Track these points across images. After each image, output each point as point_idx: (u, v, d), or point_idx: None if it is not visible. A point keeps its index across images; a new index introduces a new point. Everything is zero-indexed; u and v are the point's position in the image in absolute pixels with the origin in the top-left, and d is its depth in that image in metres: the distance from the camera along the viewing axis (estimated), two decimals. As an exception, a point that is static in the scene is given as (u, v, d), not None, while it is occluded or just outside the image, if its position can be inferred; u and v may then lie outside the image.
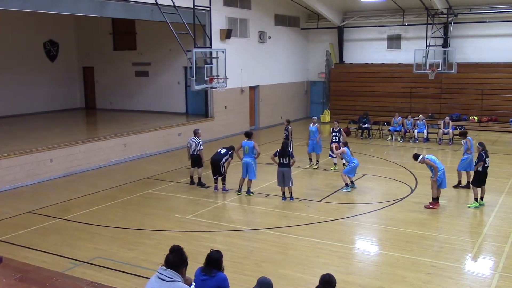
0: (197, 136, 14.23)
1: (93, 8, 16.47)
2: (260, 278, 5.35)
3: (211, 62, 15.58)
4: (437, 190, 12.07)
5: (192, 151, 14.14)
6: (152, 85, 25.10)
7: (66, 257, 9.15)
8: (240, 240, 10.10)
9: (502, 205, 12.34)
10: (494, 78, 24.62)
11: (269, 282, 5.26)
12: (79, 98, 27.41)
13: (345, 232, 10.78)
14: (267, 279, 5.31)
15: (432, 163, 12.00)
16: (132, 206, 12.56)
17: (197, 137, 14.19)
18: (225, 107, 22.91)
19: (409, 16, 25.90)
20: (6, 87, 22.92)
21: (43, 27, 24.44)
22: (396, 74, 26.75)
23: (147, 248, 9.67)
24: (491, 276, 8.35)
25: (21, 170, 14.53)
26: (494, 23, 24.32)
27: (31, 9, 15.41)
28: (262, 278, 5.34)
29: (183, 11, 15.80)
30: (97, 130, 21.62)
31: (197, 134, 14.27)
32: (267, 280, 5.28)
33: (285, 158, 12.62)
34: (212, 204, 12.74)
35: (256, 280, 5.33)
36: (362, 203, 12.78)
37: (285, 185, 12.74)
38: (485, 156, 11.95)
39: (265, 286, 5.23)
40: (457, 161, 18.37)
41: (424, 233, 10.37)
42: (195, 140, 14.13)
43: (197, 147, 14.03)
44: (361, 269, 8.81)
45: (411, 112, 23.76)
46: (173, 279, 4.42)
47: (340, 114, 26.50)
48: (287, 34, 27.44)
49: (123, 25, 25.29)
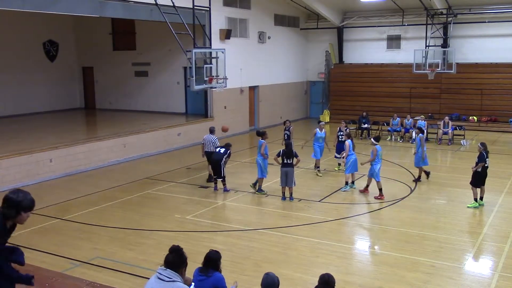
0: (213, 134, 14.58)
1: (92, 8, 16.46)
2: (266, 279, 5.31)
3: (211, 62, 15.59)
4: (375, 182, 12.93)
5: (206, 148, 14.40)
6: (151, 85, 25.10)
7: (66, 257, 9.15)
8: (240, 240, 10.10)
9: (502, 205, 12.34)
10: (493, 78, 24.62)
11: (275, 280, 5.25)
12: (78, 98, 27.41)
13: (345, 232, 10.79)
14: (273, 278, 5.27)
15: (375, 153, 12.82)
16: (131, 206, 12.56)
17: (212, 135, 14.52)
18: (224, 107, 22.91)
19: (409, 16, 25.91)
20: (5, 87, 22.92)
21: (42, 27, 24.44)
22: (395, 74, 26.76)
23: (146, 248, 9.67)
24: (491, 276, 8.35)
25: (21, 170, 14.53)
26: (494, 23, 24.33)
27: (31, 9, 15.41)
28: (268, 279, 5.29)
29: (183, 11, 15.80)
30: (97, 130, 21.62)
31: (213, 132, 14.62)
32: (272, 279, 5.26)
33: (290, 158, 12.65)
34: (212, 204, 12.74)
35: (262, 276, 5.31)
36: (362, 203, 12.79)
37: (288, 185, 12.75)
38: (486, 156, 11.95)
39: (271, 285, 5.22)
40: (457, 161, 18.49)
41: (424, 233, 10.37)
42: (211, 138, 14.44)
43: (214, 144, 14.29)
44: (361, 269, 8.81)
45: (410, 112, 23.77)
46: (172, 279, 4.42)
47: (339, 114, 26.50)
48: (287, 34, 27.44)
49: (122, 25, 25.29)
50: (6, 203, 4.20)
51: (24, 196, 4.21)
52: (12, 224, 4.30)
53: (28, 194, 4.25)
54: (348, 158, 13.65)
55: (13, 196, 4.18)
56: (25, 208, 4.21)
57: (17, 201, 4.17)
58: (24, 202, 4.19)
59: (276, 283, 5.22)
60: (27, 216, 4.27)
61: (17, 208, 4.18)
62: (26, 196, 4.22)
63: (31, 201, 4.25)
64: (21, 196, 4.20)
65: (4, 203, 4.22)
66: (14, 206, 4.17)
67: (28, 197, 4.23)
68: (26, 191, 4.28)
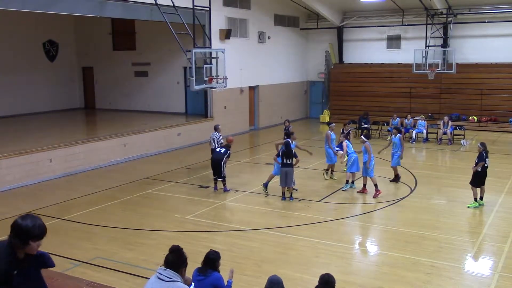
0: (218, 131, 14.73)
1: (92, 8, 16.46)
2: (270, 277, 5.38)
3: (211, 62, 15.60)
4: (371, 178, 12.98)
5: (212, 145, 14.52)
6: (151, 85, 25.10)
7: (66, 257, 9.14)
8: (240, 240, 10.10)
9: (502, 205, 12.34)
10: (493, 78, 24.62)
11: (280, 281, 5.29)
12: (78, 98, 27.40)
13: (345, 232, 10.79)
14: (277, 278, 5.32)
15: (369, 149, 13.07)
16: (131, 206, 12.55)
17: (217, 132, 14.70)
18: (224, 107, 22.91)
19: (409, 16, 25.91)
20: (5, 87, 22.90)
21: (42, 27, 24.42)
22: (395, 74, 26.75)
23: (146, 248, 9.67)
24: (491, 276, 8.35)
25: (21, 170, 14.52)
26: (494, 23, 24.33)
27: (31, 9, 15.41)
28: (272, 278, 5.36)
29: (183, 11, 15.80)
30: (96, 130, 21.61)
31: (217, 130, 14.77)
32: (277, 279, 5.30)
33: (290, 158, 12.66)
34: (212, 204, 12.73)
35: (267, 279, 5.36)
36: (362, 203, 12.79)
37: (287, 185, 12.75)
38: (486, 156, 11.95)
39: (275, 285, 5.26)
40: (457, 161, 18.48)
41: (424, 233, 10.37)
42: (215, 135, 14.64)
43: (219, 140, 14.47)
44: (361, 269, 8.81)
45: (410, 112, 23.77)
46: (172, 279, 4.41)
47: (339, 114, 26.53)
48: (287, 34, 27.44)
49: (122, 25, 25.28)
50: (13, 231, 3.72)
51: (33, 223, 3.70)
52: (26, 254, 3.81)
53: (38, 219, 3.75)
54: (349, 157, 13.65)
55: (21, 223, 3.69)
56: (33, 237, 3.71)
57: (25, 229, 3.67)
58: (32, 230, 3.69)
59: (280, 282, 5.26)
60: (37, 246, 3.79)
61: (25, 236, 3.69)
62: (35, 222, 3.71)
63: (39, 228, 3.72)
64: (29, 222, 3.69)
65: (12, 231, 3.74)
66: (22, 234, 3.69)
67: (37, 223, 3.71)
68: (37, 217, 3.79)
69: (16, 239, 3.71)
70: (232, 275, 5.85)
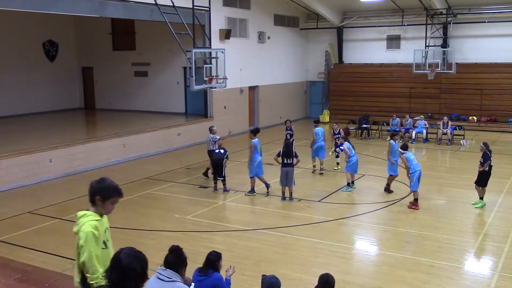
0: (212, 132, 14.73)
1: (92, 8, 16.46)
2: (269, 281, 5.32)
3: (211, 62, 15.59)
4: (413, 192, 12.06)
5: (209, 147, 14.55)
6: (151, 85, 25.10)
7: (66, 257, 9.12)
8: (240, 240, 10.10)
9: (502, 205, 12.34)
10: (493, 78, 24.62)
11: (278, 283, 5.27)
12: (78, 98, 27.40)
13: (345, 232, 10.79)
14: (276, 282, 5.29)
15: (406, 162, 12.03)
16: (131, 206, 12.54)
17: (211, 134, 14.70)
18: (224, 107, 22.90)
19: (409, 16, 25.90)
20: (5, 87, 22.91)
21: (42, 27, 24.42)
22: (395, 74, 26.75)
23: (146, 248, 9.57)
24: (491, 276, 8.35)
25: (21, 170, 14.52)
26: (493, 23, 24.32)
27: (31, 9, 15.40)
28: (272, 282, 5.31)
29: (183, 11, 15.79)
30: (96, 130, 21.62)
31: (212, 131, 14.77)
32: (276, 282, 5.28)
33: (290, 158, 12.65)
34: (212, 204, 12.73)
35: (265, 279, 5.33)
36: (362, 203, 12.79)
37: (288, 185, 12.75)
38: (490, 155, 11.94)
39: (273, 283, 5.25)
40: (457, 161, 18.49)
41: (423, 233, 10.37)
42: (210, 136, 14.66)
43: (214, 139, 14.50)
44: (361, 269, 8.81)
45: (410, 112, 23.77)
46: (172, 279, 4.41)
47: (339, 114, 26.53)
48: (287, 34, 27.44)
49: (122, 25, 25.28)
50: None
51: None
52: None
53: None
54: (350, 160, 13.64)
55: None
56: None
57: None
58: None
59: (279, 283, 5.26)
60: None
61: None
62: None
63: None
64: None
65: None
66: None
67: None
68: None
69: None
70: (232, 273, 5.83)
